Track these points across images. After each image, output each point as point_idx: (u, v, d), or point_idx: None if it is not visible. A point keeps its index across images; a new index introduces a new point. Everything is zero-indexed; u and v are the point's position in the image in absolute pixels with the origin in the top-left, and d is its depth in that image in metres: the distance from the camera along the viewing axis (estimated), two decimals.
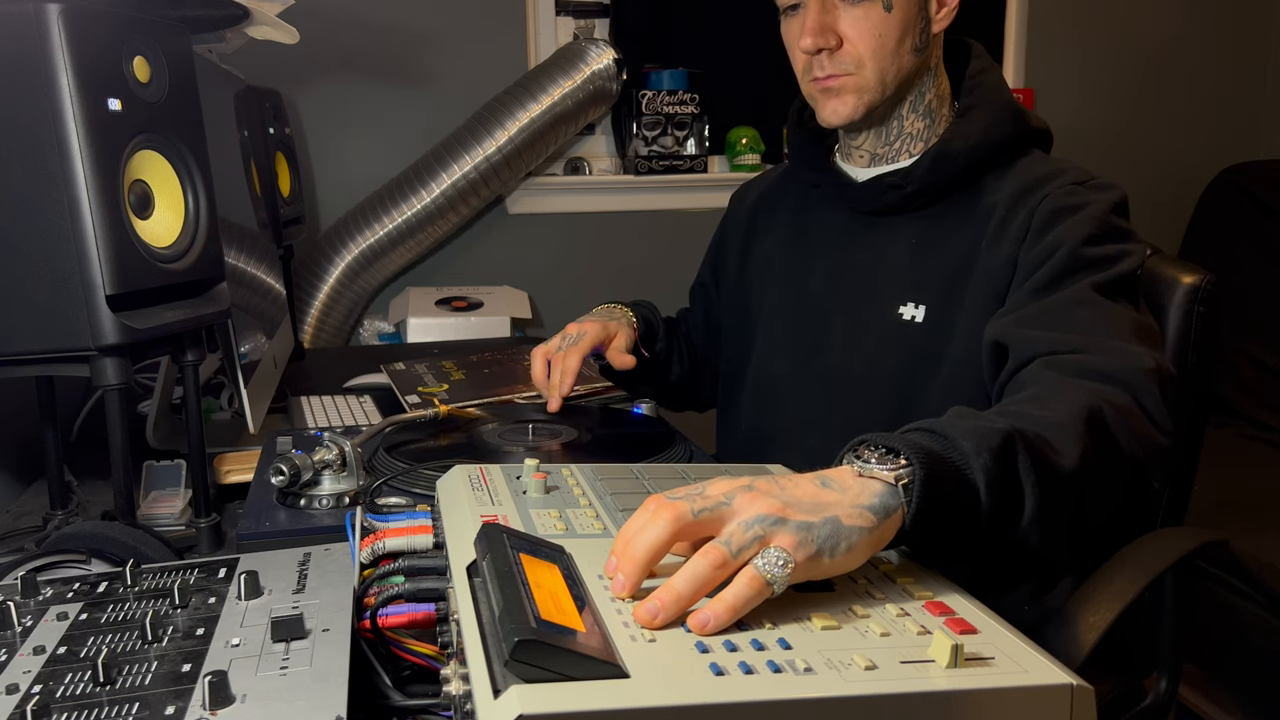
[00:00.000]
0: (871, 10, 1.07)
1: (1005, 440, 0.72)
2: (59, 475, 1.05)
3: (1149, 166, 3.07)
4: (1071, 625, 0.90)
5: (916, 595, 0.62)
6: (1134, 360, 0.90)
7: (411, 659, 0.67)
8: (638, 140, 2.65)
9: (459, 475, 0.81)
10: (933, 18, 1.10)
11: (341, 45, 2.43)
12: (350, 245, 2.39)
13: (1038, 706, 0.52)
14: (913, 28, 1.09)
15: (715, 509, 0.61)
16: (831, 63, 1.10)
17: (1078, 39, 3.00)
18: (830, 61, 1.10)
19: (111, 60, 0.85)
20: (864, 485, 0.65)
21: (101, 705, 0.56)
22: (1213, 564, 2.04)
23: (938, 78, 1.15)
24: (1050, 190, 1.06)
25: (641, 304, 1.41)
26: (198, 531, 1.00)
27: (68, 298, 0.83)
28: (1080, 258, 1.00)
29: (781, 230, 1.29)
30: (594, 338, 1.24)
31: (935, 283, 1.11)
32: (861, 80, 1.10)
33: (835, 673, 0.52)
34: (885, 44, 1.08)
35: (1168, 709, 1.11)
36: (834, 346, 1.18)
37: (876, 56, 1.08)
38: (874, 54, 1.08)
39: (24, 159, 0.81)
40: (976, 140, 1.10)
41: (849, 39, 1.09)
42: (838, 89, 1.11)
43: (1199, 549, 1.02)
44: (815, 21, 1.08)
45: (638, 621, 0.56)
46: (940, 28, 1.11)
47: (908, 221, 1.15)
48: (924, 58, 1.12)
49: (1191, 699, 2.08)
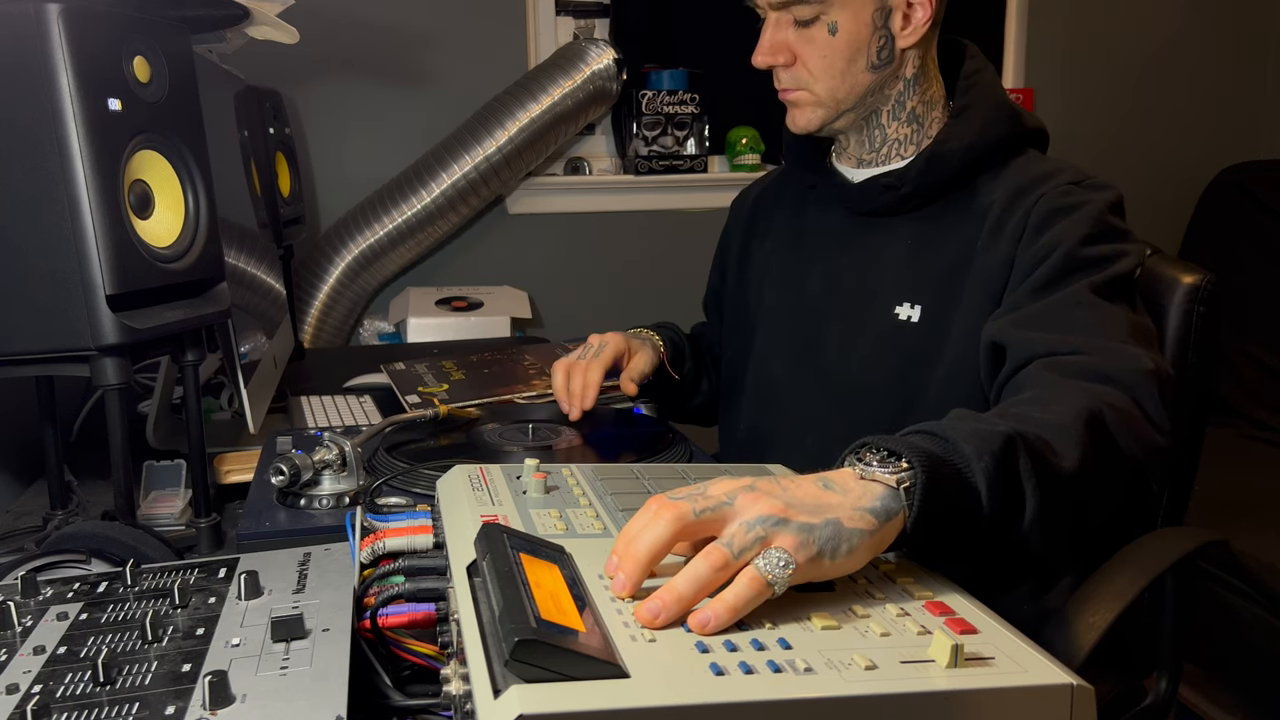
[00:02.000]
0: (817, 33, 1.10)
1: (1007, 443, 0.72)
2: (59, 475, 1.05)
3: (1149, 166, 3.07)
4: (1072, 625, 0.90)
5: (916, 595, 0.62)
6: (1132, 361, 0.90)
7: (411, 659, 0.67)
8: (638, 140, 2.65)
9: (459, 475, 0.81)
10: (896, 34, 1.10)
11: (341, 45, 2.43)
12: (350, 245, 2.39)
13: (1038, 706, 0.52)
14: (864, 49, 1.10)
15: (717, 509, 0.61)
16: (788, 76, 1.14)
17: (1078, 39, 3.00)
18: (786, 75, 1.14)
19: (111, 60, 0.85)
20: (866, 488, 0.65)
21: (101, 705, 0.56)
22: (1213, 564, 2.05)
23: (923, 84, 1.14)
24: (1046, 190, 1.06)
25: (665, 325, 1.41)
26: (198, 531, 1.00)
27: (68, 298, 0.83)
28: (1077, 258, 1.00)
29: (779, 232, 1.29)
30: (615, 350, 1.23)
31: (931, 283, 1.11)
32: (814, 96, 1.13)
33: (835, 673, 0.52)
34: (832, 65, 1.10)
35: (1168, 709, 1.11)
36: (831, 348, 1.18)
37: (825, 76, 1.11)
38: (822, 73, 1.11)
39: (24, 159, 0.81)
40: (971, 140, 1.10)
41: (800, 57, 1.12)
42: (794, 102, 1.15)
43: (1199, 549, 1.02)
44: (768, 40, 1.13)
45: (639, 621, 0.56)
46: (907, 43, 1.10)
47: (903, 222, 1.15)
48: (889, 72, 1.12)
49: (1191, 699, 2.08)
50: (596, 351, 1.22)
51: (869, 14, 1.08)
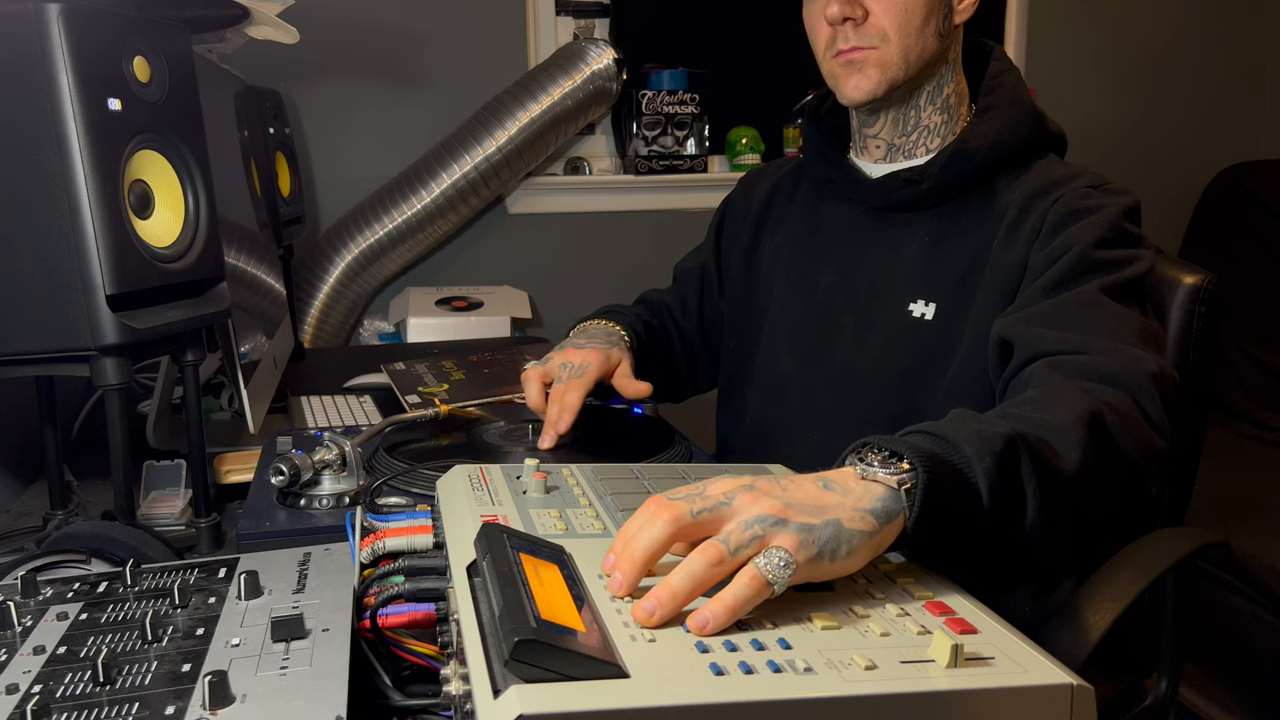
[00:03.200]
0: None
1: (1008, 444, 0.72)
2: (59, 475, 1.05)
3: (1149, 167, 3.07)
4: (1072, 625, 0.90)
5: (916, 595, 0.62)
6: (1137, 363, 0.90)
7: (411, 659, 0.67)
8: (638, 140, 2.65)
9: (459, 475, 0.81)
10: (955, 8, 1.11)
11: (341, 45, 2.43)
12: (350, 245, 2.39)
13: (1038, 706, 0.52)
14: (937, 11, 1.09)
15: (715, 509, 0.61)
16: (857, 35, 1.10)
17: (1078, 39, 3.00)
18: (855, 34, 1.10)
19: (111, 60, 0.85)
20: (866, 489, 0.65)
21: (101, 705, 0.56)
22: (1213, 564, 2.05)
23: (956, 74, 1.15)
24: (1064, 193, 1.06)
25: (618, 311, 1.34)
26: (198, 531, 1.00)
27: (68, 298, 0.83)
28: (1090, 259, 1.00)
29: (793, 226, 1.29)
30: (598, 369, 1.14)
31: (946, 281, 1.11)
32: (885, 55, 1.10)
33: (835, 673, 0.52)
34: (910, 20, 1.08)
35: (1168, 709, 1.11)
36: (843, 343, 1.18)
37: (902, 32, 1.08)
38: (899, 29, 1.08)
39: (24, 159, 0.81)
40: (993, 140, 1.10)
41: (875, 12, 1.09)
42: (861, 62, 1.10)
43: (1200, 550, 1.02)
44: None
45: (635, 619, 0.56)
46: (962, 19, 1.12)
47: (921, 219, 1.15)
48: (945, 45, 1.12)
49: (1191, 699, 2.08)
50: (578, 372, 1.13)
51: None
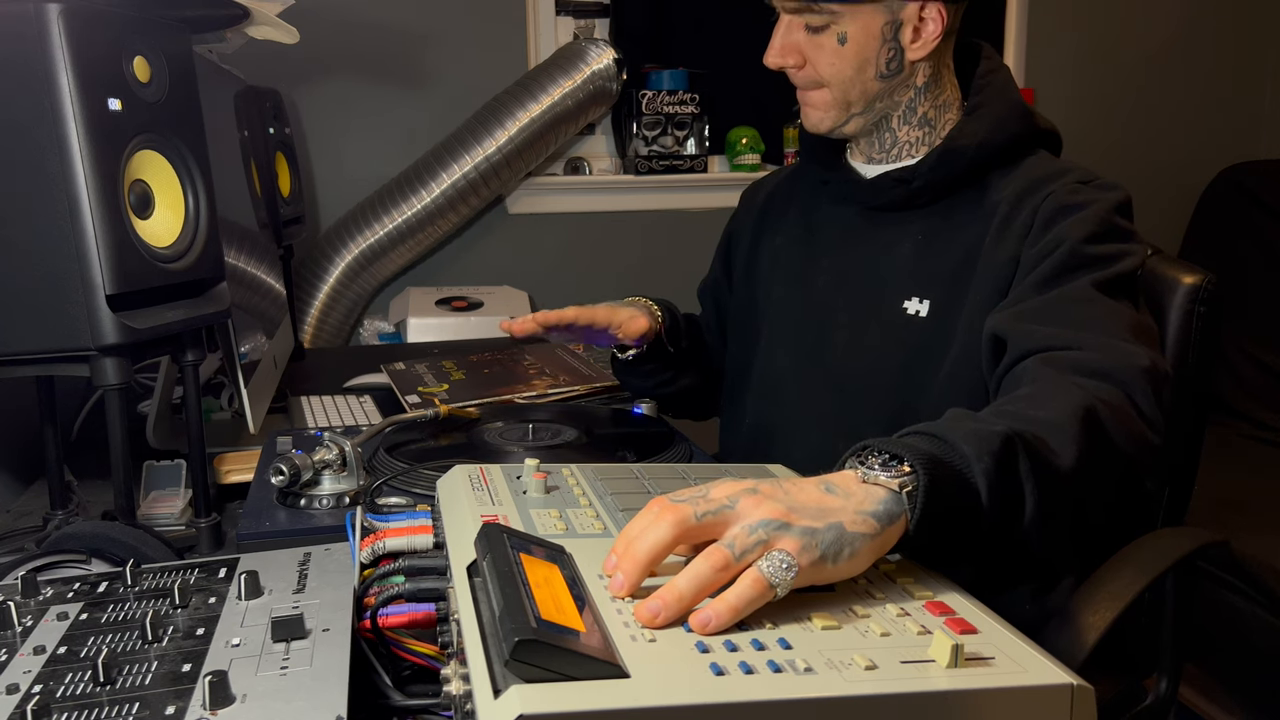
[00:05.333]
0: (826, 41, 1.10)
1: (1005, 443, 0.72)
2: (59, 475, 1.05)
3: (1149, 166, 3.07)
4: (1072, 625, 0.90)
5: (917, 595, 0.62)
6: (1129, 358, 0.90)
7: (411, 659, 0.67)
8: (638, 140, 2.65)
9: (459, 475, 0.81)
10: (906, 47, 1.10)
11: (341, 45, 2.43)
12: (350, 245, 2.39)
13: (1038, 706, 0.52)
14: (872, 60, 1.10)
15: (719, 512, 0.61)
16: (798, 78, 1.15)
17: (1078, 39, 3.00)
18: (797, 76, 1.15)
19: (111, 60, 0.85)
20: (868, 492, 0.65)
21: (101, 705, 0.56)
22: (1213, 564, 2.04)
23: (934, 90, 1.15)
24: (1054, 189, 1.06)
25: (662, 301, 1.39)
26: (198, 531, 1.00)
27: (68, 298, 0.83)
28: (1081, 254, 1.00)
29: (790, 228, 1.29)
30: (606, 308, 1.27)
31: (940, 278, 1.11)
32: (825, 98, 1.14)
33: (835, 673, 0.52)
34: (841, 72, 1.11)
35: (1168, 709, 1.11)
36: (838, 342, 1.18)
37: (836, 79, 1.12)
38: (832, 79, 1.12)
39: (24, 159, 0.81)
40: (982, 138, 1.10)
41: (809, 61, 1.12)
42: (806, 101, 1.16)
43: (1199, 549, 1.02)
44: (779, 42, 1.13)
45: (639, 620, 0.56)
46: (917, 56, 1.11)
47: (914, 217, 1.15)
48: (898, 81, 1.12)
49: (1191, 699, 2.08)
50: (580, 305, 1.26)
51: (879, 26, 1.08)
